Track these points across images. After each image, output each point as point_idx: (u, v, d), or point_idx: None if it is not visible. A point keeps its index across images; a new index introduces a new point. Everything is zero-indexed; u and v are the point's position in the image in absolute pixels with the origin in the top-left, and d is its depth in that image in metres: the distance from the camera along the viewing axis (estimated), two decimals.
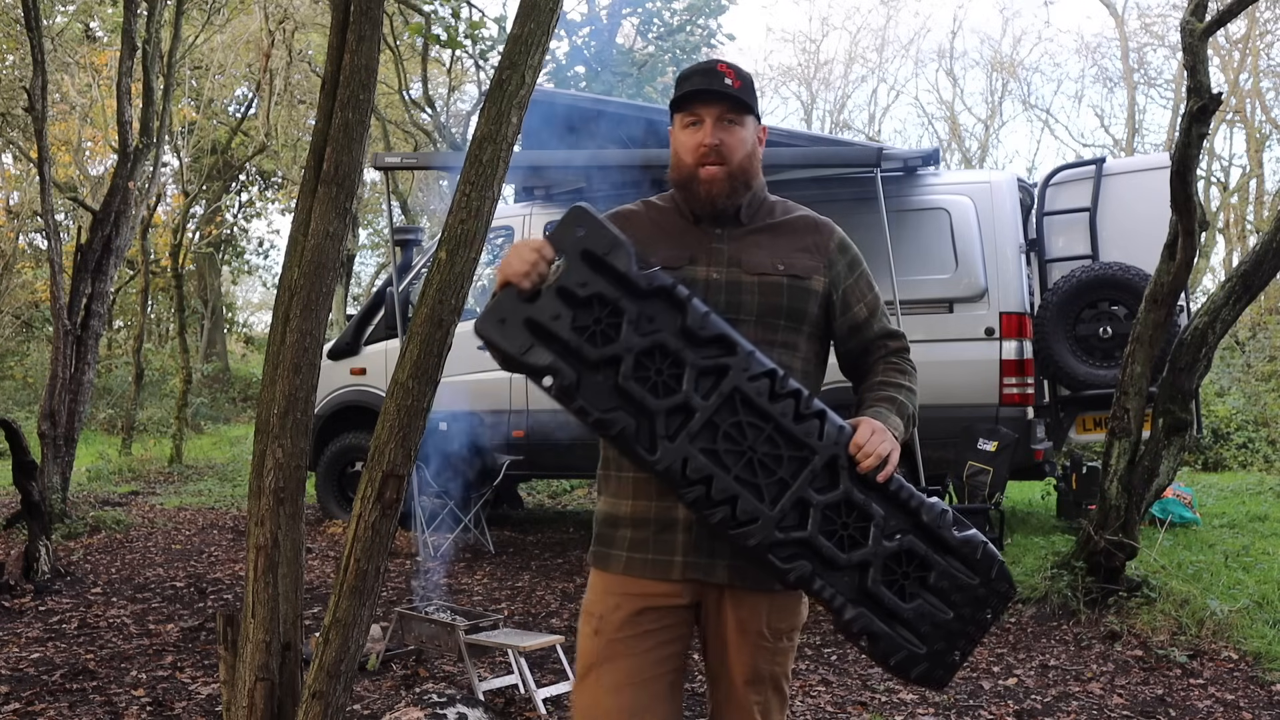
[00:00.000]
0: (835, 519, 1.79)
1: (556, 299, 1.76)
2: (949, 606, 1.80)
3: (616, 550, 1.98)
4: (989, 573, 1.81)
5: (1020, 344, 6.60)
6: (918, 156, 6.98)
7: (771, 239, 2.02)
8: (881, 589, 1.78)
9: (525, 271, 1.77)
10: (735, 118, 1.98)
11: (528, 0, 2.51)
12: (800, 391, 1.79)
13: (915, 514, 1.81)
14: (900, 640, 1.79)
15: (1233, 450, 11.45)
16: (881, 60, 33.78)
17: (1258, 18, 18.93)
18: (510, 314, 1.76)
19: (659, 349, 1.76)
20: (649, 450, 1.74)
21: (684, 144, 1.99)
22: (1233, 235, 20.70)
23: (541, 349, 1.74)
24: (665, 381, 1.76)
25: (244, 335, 26.27)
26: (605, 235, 1.78)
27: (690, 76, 2.01)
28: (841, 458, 1.79)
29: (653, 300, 1.78)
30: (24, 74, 12.87)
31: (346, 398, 8.15)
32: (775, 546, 1.76)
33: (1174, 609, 5.00)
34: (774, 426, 1.77)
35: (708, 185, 1.96)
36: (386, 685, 4.34)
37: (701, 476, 1.74)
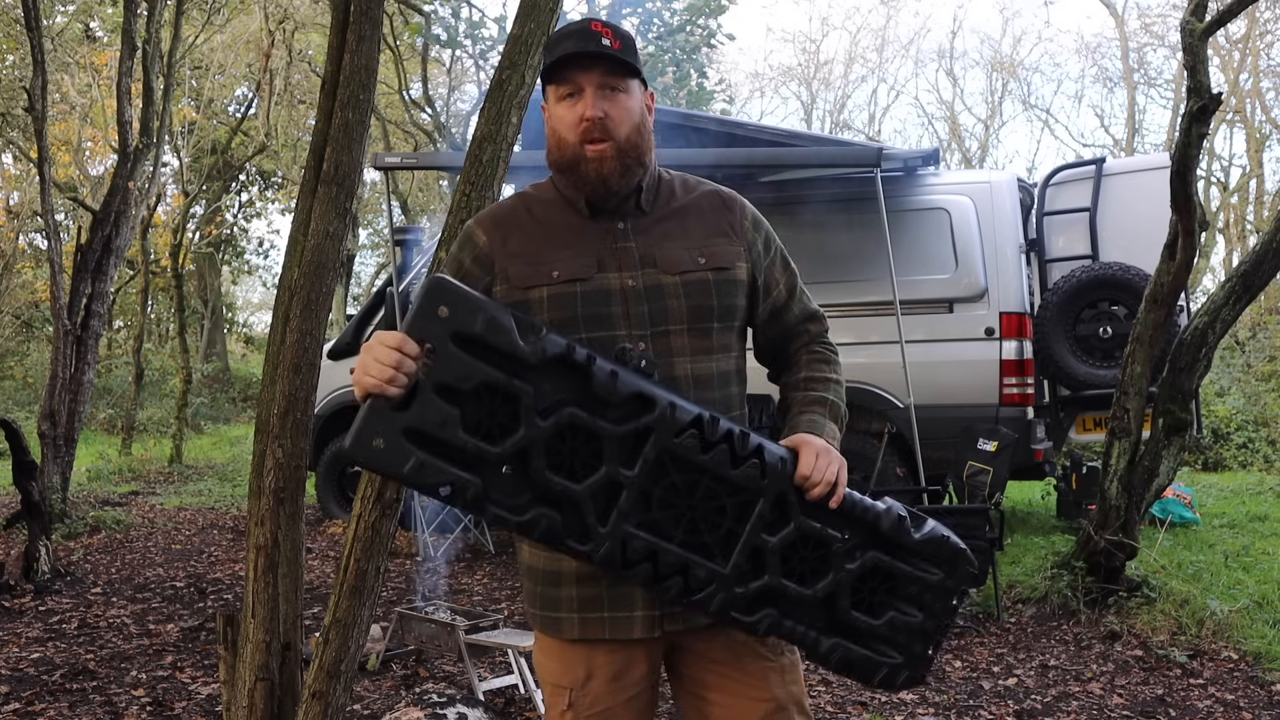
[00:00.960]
0: (792, 559, 1.66)
1: (436, 399, 1.50)
2: (920, 609, 1.73)
3: (565, 613, 1.72)
4: (954, 566, 1.73)
5: (1020, 344, 6.60)
6: (918, 156, 6.98)
7: (681, 226, 1.76)
8: (851, 615, 1.69)
9: (390, 376, 1.48)
10: (618, 83, 1.69)
11: (528, 0, 2.51)
12: (732, 432, 1.62)
13: (873, 526, 1.70)
14: (878, 659, 1.72)
15: (1233, 450, 11.44)
16: (881, 60, 33.79)
17: (1258, 18, 18.93)
18: (385, 430, 1.49)
19: (569, 427, 1.55)
20: (581, 541, 1.57)
21: (563, 120, 1.70)
22: (1233, 235, 20.70)
23: (433, 462, 1.50)
24: (584, 461, 1.56)
25: (244, 335, 26.27)
26: (474, 310, 1.53)
27: (562, 40, 1.70)
28: (789, 493, 1.64)
29: (549, 373, 1.55)
30: (24, 74, 12.87)
31: (346, 398, 8.14)
32: (736, 602, 1.63)
33: (1174, 609, 5.00)
34: (711, 478, 1.61)
35: (597, 164, 1.68)
36: (386, 685, 4.34)
37: (645, 555, 1.58)
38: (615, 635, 1.70)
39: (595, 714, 1.72)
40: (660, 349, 1.70)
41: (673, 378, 1.70)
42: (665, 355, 1.70)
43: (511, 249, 1.74)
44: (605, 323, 1.69)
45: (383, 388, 1.49)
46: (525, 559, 1.79)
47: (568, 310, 1.69)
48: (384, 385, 1.48)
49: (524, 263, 1.72)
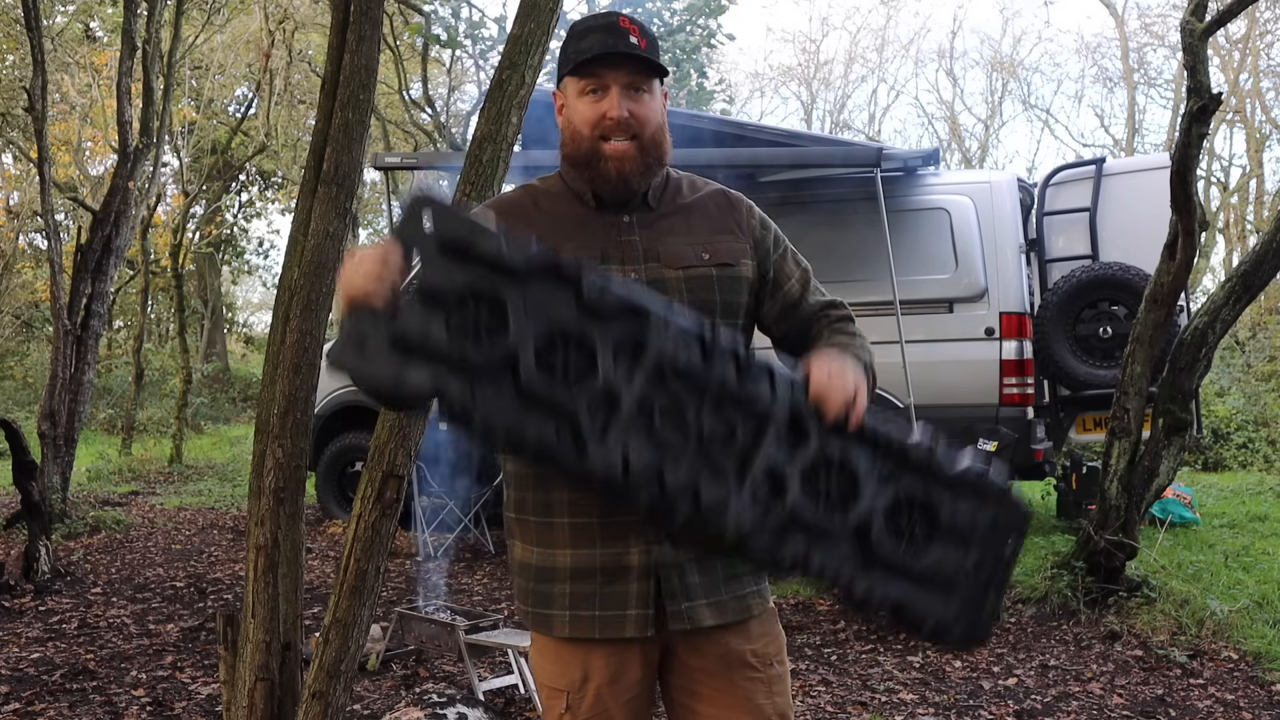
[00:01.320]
0: (815, 482, 1.50)
1: (421, 306, 1.43)
2: (967, 547, 1.53)
3: (556, 610, 1.69)
4: (1000, 499, 1.56)
5: (1020, 344, 6.60)
6: (918, 156, 6.98)
7: (686, 223, 1.74)
8: (888, 548, 1.51)
9: (373, 282, 1.43)
10: (644, 83, 1.67)
11: (528, 0, 2.51)
12: (736, 347, 1.51)
13: (902, 454, 1.54)
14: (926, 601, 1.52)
15: (1233, 450, 11.44)
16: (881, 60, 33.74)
17: (1258, 18, 18.93)
18: (369, 337, 1.42)
19: (559, 333, 1.45)
20: (578, 457, 1.42)
21: (583, 115, 1.67)
22: (1233, 235, 20.70)
23: (418, 370, 1.41)
24: (576, 370, 1.45)
25: (244, 335, 26.27)
26: (460, 219, 1.48)
27: (588, 33, 1.66)
28: (804, 411, 1.50)
29: (537, 281, 1.46)
30: (24, 74, 12.87)
31: (346, 398, 8.15)
32: (757, 533, 1.47)
33: (1174, 609, 5.00)
34: (717, 393, 1.48)
35: (618, 163, 1.66)
36: (386, 685, 4.34)
37: (651, 472, 1.44)
38: (606, 634, 1.67)
39: (594, 717, 1.70)
40: None
41: None
42: None
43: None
44: None
45: (366, 295, 1.43)
46: (518, 555, 1.77)
47: None
48: (367, 292, 1.43)
49: None
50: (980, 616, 1.55)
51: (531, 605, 1.74)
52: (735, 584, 1.74)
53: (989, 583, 1.55)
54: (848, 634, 5.11)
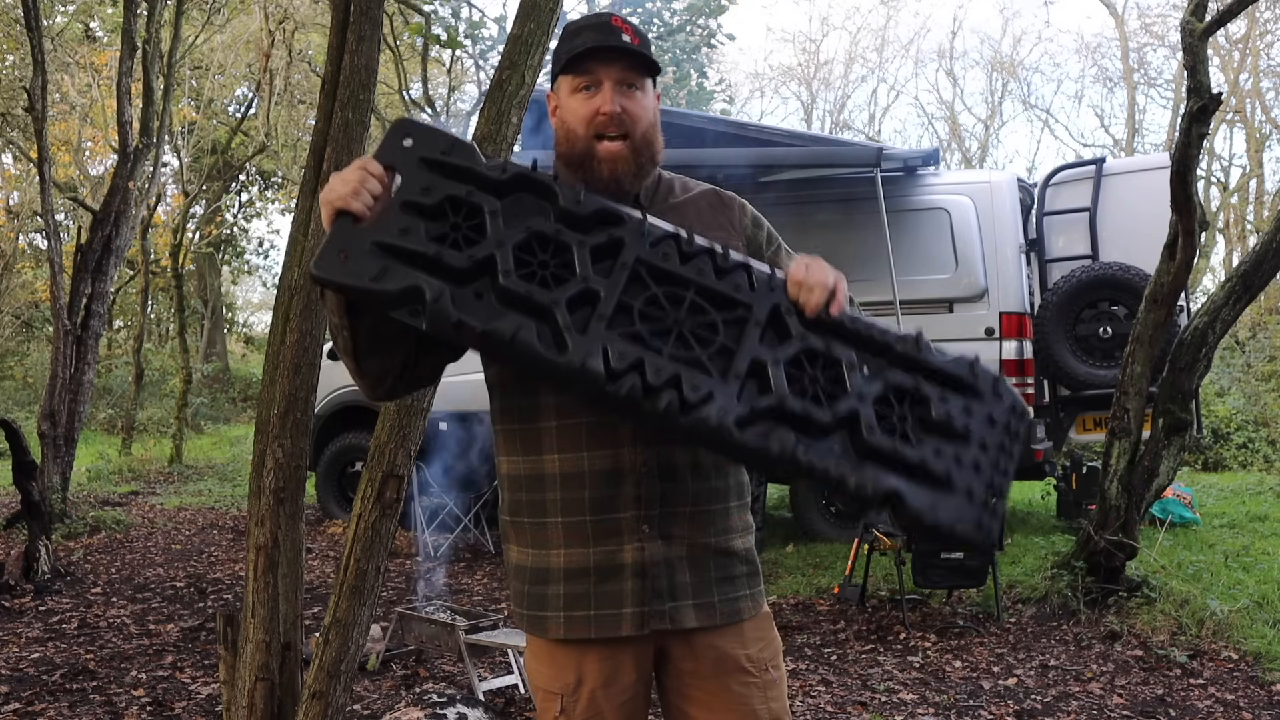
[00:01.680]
0: (800, 374, 1.48)
1: (401, 214, 1.48)
2: (964, 438, 1.50)
3: (551, 611, 1.69)
4: (992, 388, 1.53)
5: (1020, 344, 6.60)
6: (918, 156, 6.98)
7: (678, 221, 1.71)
8: (881, 438, 1.47)
9: (354, 191, 1.48)
10: (636, 81, 1.68)
11: (528, 0, 2.51)
12: (714, 247, 1.52)
13: (887, 347, 1.52)
14: (926, 491, 1.47)
15: (1233, 450, 11.45)
16: (881, 60, 33.76)
17: (1258, 18, 18.93)
18: (350, 244, 1.46)
19: (536, 238, 1.49)
20: (558, 350, 1.43)
21: (576, 113, 1.67)
22: (1233, 235, 20.70)
23: (398, 269, 1.44)
24: (554, 272, 1.47)
25: (244, 335, 26.28)
26: (440, 136, 1.53)
27: (581, 32, 1.68)
28: (784, 303, 1.51)
29: (514, 193, 1.52)
30: (24, 74, 12.87)
31: (346, 398, 8.15)
32: (743, 423, 1.44)
33: (1174, 609, 5.00)
34: (695, 290, 1.50)
35: (610, 164, 1.66)
36: (386, 685, 4.34)
37: (630, 362, 1.43)
38: (602, 634, 1.67)
39: (589, 719, 1.70)
40: None
41: None
42: None
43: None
44: None
45: (347, 201, 1.47)
46: (513, 559, 1.76)
47: None
48: (348, 199, 1.47)
49: None
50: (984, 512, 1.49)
51: (526, 608, 1.73)
52: (727, 586, 1.72)
53: (991, 478, 1.51)
54: (848, 634, 5.12)
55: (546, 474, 1.69)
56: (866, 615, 5.39)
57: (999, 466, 1.52)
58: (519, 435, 1.72)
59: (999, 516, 1.52)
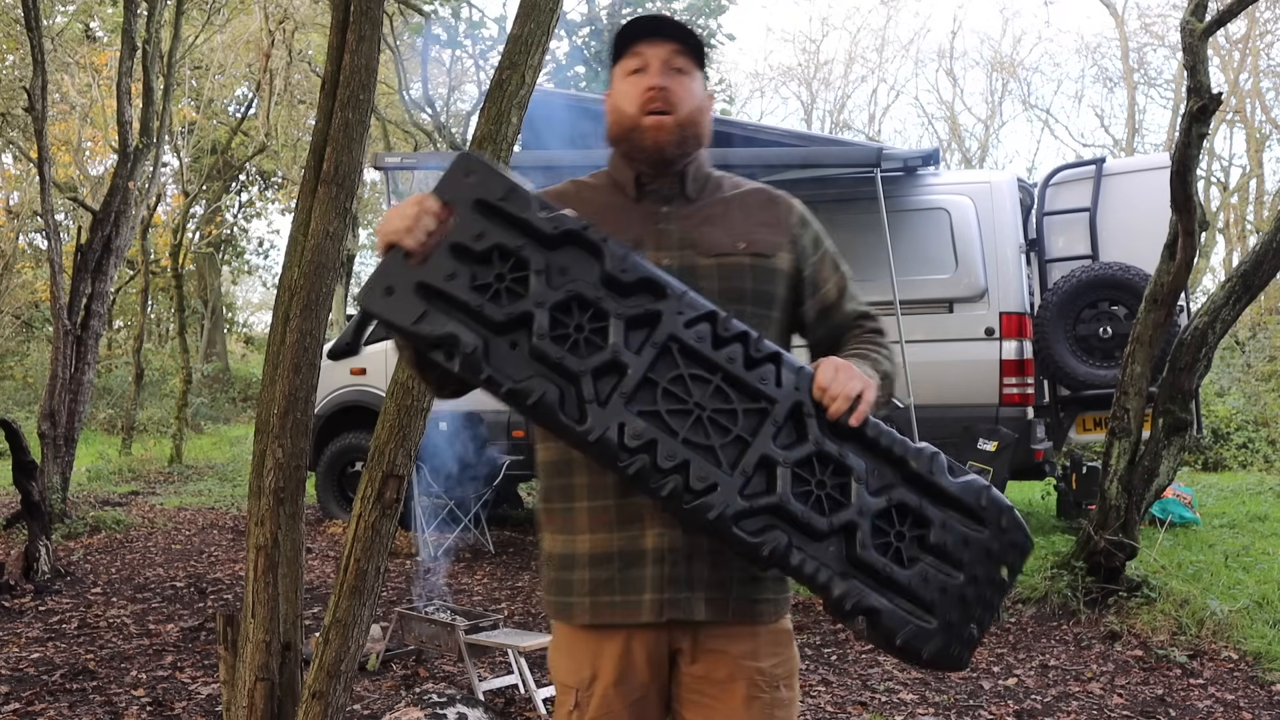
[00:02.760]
0: (808, 478, 1.52)
1: (450, 257, 1.52)
2: (957, 567, 1.52)
3: (576, 597, 1.71)
4: (998, 521, 1.54)
5: (1020, 344, 6.60)
6: (918, 156, 6.98)
7: (725, 215, 1.77)
8: (873, 554, 1.50)
9: (409, 228, 1.52)
10: (684, 65, 1.73)
11: (528, 0, 2.51)
12: (748, 333, 1.54)
13: (901, 462, 1.54)
14: (904, 614, 1.50)
15: (1233, 450, 11.45)
16: (881, 60, 33.80)
17: (1258, 18, 18.94)
18: (397, 281, 1.52)
19: (576, 301, 1.52)
20: (577, 420, 1.49)
21: (625, 94, 1.73)
22: (1233, 235, 20.71)
23: (437, 315, 1.50)
24: (588, 338, 1.51)
25: (244, 335, 26.29)
26: (499, 180, 1.56)
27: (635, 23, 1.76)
28: (806, 404, 1.53)
29: (563, 248, 1.55)
30: (24, 74, 12.87)
31: (346, 398, 8.15)
32: (741, 517, 1.48)
33: (1174, 609, 5.00)
34: (722, 376, 1.53)
35: (654, 133, 1.70)
36: (386, 685, 4.34)
37: (643, 443, 1.48)
38: (626, 620, 1.68)
39: (600, 716, 1.70)
40: None
41: None
42: None
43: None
44: None
45: (400, 237, 1.52)
46: (545, 546, 1.78)
47: None
48: (402, 235, 1.52)
49: None
50: (958, 640, 1.52)
51: (554, 594, 1.76)
52: (748, 586, 1.70)
53: (976, 607, 1.53)
54: (848, 634, 5.11)
55: (575, 457, 1.70)
56: None
57: (985, 600, 1.54)
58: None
59: (974, 645, 1.53)
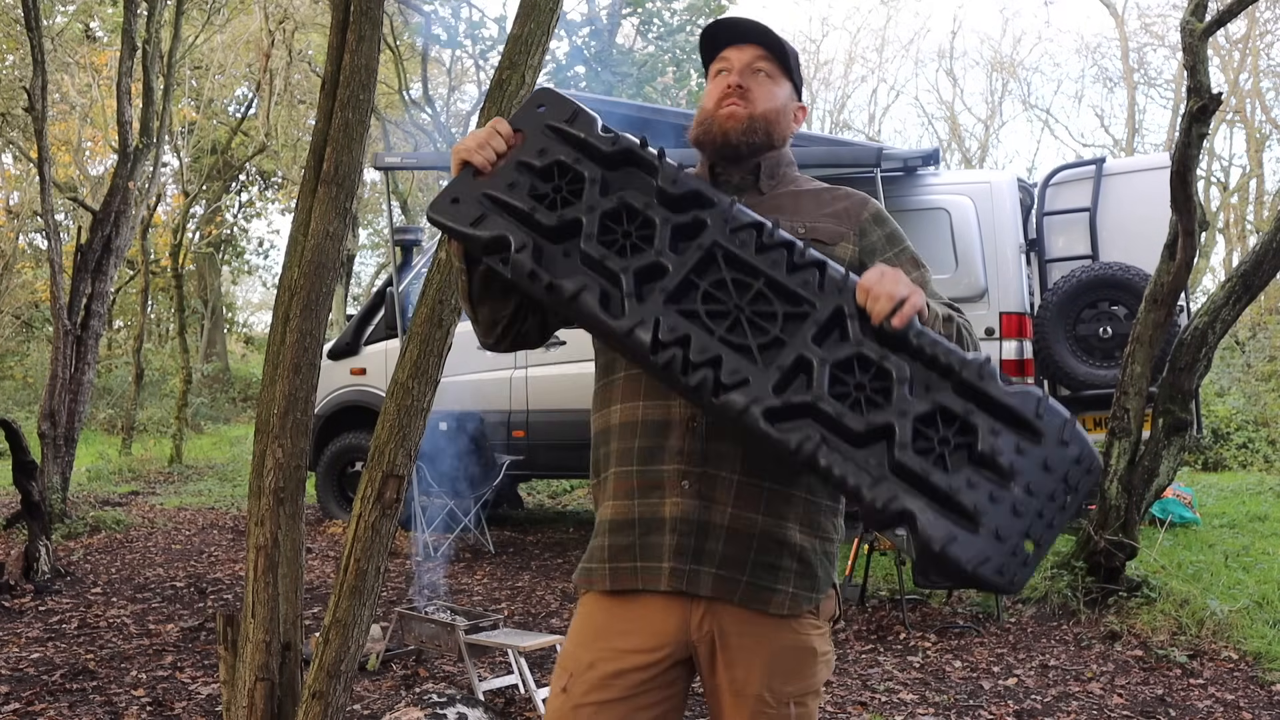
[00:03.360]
0: (847, 380, 1.46)
1: (514, 170, 1.62)
2: (1007, 477, 1.41)
3: (598, 563, 1.73)
4: (1058, 433, 1.43)
5: (1020, 344, 6.60)
6: (918, 156, 6.98)
7: (794, 204, 1.78)
8: (912, 457, 1.41)
9: (480, 145, 1.62)
10: (768, 68, 1.76)
11: (528, 0, 2.51)
12: (793, 242, 1.54)
13: (949, 370, 1.46)
14: (945, 521, 1.39)
15: (1233, 450, 11.45)
16: (881, 60, 33.82)
17: (1258, 18, 18.94)
18: (464, 192, 1.61)
19: (625, 210, 1.58)
20: (613, 315, 1.51)
21: (709, 92, 1.79)
22: (1233, 235, 20.71)
23: (494, 219, 1.58)
24: (634, 243, 1.56)
25: (244, 335, 26.28)
26: (567, 105, 1.65)
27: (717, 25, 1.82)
28: (849, 306, 1.49)
29: (620, 166, 1.62)
30: (24, 74, 12.87)
31: (346, 398, 8.16)
32: (772, 415, 1.44)
33: (1174, 609, 5.00)
34: (764, 281, 1.52)
35: (724, 121, 1.74)
36: (386, 685, 4.34)
37: (677, 337, 1.48)
38: (645, 586, 1.68)
39: (584, 705, 1.68)
40: None
41: None
42: None
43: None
44: None
45: (470, 154, 1.62)
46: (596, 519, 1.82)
47: None
48: (472, 152, 1.62)
49: None
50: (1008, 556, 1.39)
51: (583, 561, 1.78)
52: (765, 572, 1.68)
53: (1029, 523, 1.40)
54: (848, 634, 5.11)
55: (611, 426, 1.75)
56: (866, 615, 5.39)
57: (1043, 516, 1.41)
58: (600, 390, 1.80)
59: (1030, 566, 1.41)
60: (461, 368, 6.00)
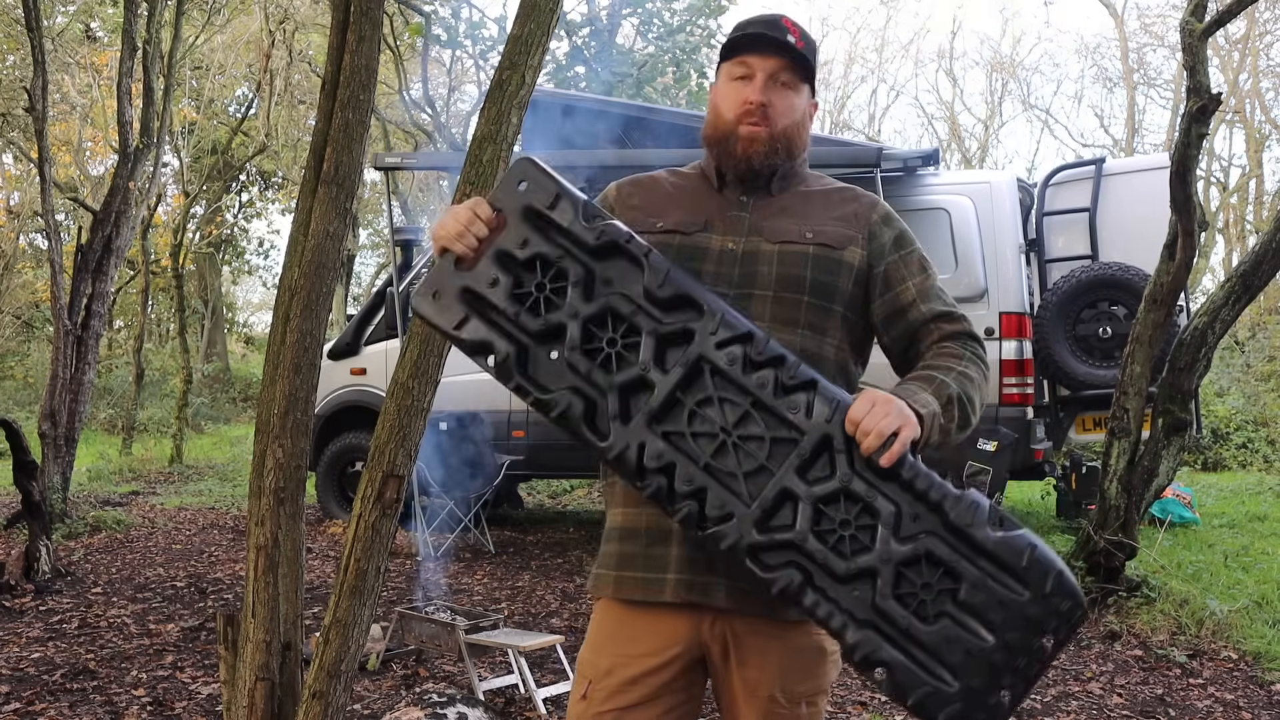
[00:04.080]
0: (832, 516, 1.45)
1: (494, 264, 1.55)
2: (988, 629, 1.40)
3: (606, 569, 1.73)
4: (1042, 585, 1.40)
5: (1020, 344, 6.60)
6: (917, 156, 6.98)
7: (803, 206, 1.76)
8: (893, 604, 1.41)
9: (459, 233, 1.57)
10: (790, 80, 1.72)
11: (528, 0, 2.51)
12: (784, 357, 1.49)
13: (938, 508, 1.44)
14: (922, 673, 1.40)
15: (1232, 450, 11.45)
16: (881, 60, 33.85)
17: (1257, 18, 18.93)
18: (444, 285, 1.56)
19: (610, 314, 1.52)
20: (599, 435, 1.49)
21: (727, 97, 1.73)
22: (1233, 235, 20.71)
23: (477, 322, 1.54)
24: (619, 352, 1.51)
25: (244, 335, 26.29)
26: (549, 186, 1.56)
27: (750, 24, 1.74)
28: (837, 438, 1.46)
29: (606, 259, 1.54)
30: (24, 74, 12.88)
31: (346, 398, 8.15)
32: (757, 550, 1.44)
33: (1174, 609, 5.00)
34: (752, 402, 1.48)
35: (746, 144, 1.71)
36: (386, 685, 4.34)
37: (662, 464, 1.46)
38: (648, 597, 1.67)
39: (605, 713, 1.69)
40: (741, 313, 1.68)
41: None
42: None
43: (633, 202, 1.79)
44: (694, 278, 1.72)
45: (451, 243, 1.58)
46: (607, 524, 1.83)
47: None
48: (454, 240, 1.57)
49: (638, 213, 1.76)
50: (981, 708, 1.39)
51: (595, 566, 1.77)
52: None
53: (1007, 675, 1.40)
54: None
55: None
56: None
57: (1020, 669, 1.41)
58: None
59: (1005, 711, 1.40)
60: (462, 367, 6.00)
